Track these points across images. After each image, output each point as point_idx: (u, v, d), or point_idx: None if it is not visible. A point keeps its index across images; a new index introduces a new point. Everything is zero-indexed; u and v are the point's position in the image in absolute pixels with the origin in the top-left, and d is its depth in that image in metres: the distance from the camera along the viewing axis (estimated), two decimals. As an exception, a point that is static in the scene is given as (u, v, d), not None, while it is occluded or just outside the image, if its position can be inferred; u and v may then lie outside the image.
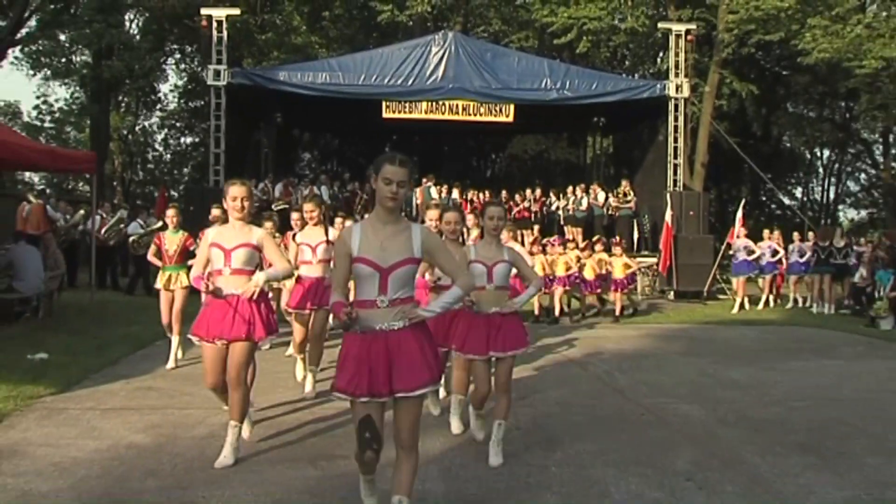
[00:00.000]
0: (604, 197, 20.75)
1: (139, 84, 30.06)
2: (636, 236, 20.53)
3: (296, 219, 10.10)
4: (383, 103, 19.36)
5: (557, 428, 6.39)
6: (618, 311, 14.53)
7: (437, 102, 19.46)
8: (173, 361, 8.74)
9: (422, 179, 20.09)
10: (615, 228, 20.14)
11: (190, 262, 7.23)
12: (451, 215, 6.38)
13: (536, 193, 21.39)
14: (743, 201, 20.77)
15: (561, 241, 15.66)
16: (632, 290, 15.40)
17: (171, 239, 9.00)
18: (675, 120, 19.71)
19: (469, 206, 19.33)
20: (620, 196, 20.53)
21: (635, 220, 20.60)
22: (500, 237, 5.75)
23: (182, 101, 37.31)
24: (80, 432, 5.97)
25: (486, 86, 19.29)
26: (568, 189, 21.34)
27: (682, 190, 19.79)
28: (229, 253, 5.37)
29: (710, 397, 7.66)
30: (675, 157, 19.74)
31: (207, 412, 6.48)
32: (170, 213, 9.16)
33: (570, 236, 19.42)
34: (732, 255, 16.68)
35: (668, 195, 18.61)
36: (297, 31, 28.01)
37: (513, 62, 19.96)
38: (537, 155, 33.45)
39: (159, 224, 17.67)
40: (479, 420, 5.91)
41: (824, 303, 16.09)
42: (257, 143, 23.55)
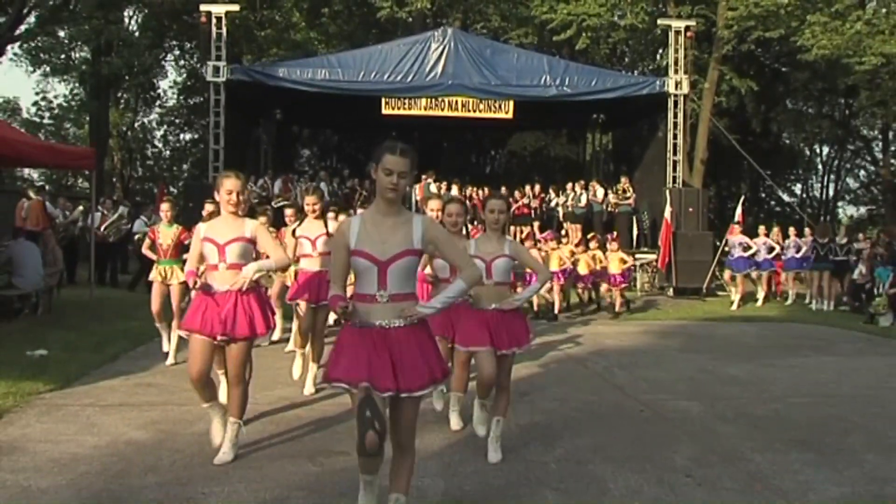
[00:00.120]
0: (603, 193, 20.74)
1: (138, 81, 30.04)
2: (635, 233, 20.54)
3: (290, 214, 10.04)
4: (383, 100, 19.35)
5: (556, 424, 6.39)
6: (618, 307, 14.54)
7: (436, 99, 19.46)
8: (172, 357, 8.68)
9: (421, 176, 20.08)
10: (614, 225, 20.14)
11: (185, 257, 7.20)
12: (452, 207, 6.23)
13: (536, 190, 21.38)
14: (742, 198, 20.77)
15: (553, 236, 15.64)
16: (627, 287, 15.27)
17: (166, 233, 8.94)
18: (675, 116, 19.70)
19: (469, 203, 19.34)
20: (620, 193, 20.51)
21: (634, 217, 20.60)
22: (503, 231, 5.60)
23: (181, 98, 37.31)
24: (80, 428, 5.97)
25: (485, 82, 19.28)
26: (567, 186, 21.34)
27: (681, 186, 19.78)
28: (223, 248, 5.24)
29: (709, 394, 7.66)
30: (675, 154, 19.73)
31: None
32: (164, 207, 9.14)
33: (569, 232, 19.47)
34: (728, 251, 16.66)
35: (668, 192, 18.60)
36: (297, 28, 28.00)
37: (512, 58, 19.96)
38: (536, 151, 33.43)
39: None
40: (483, 412, 5.69)
41: (823, 299, 16.10)
42: (257, 140, 23.56)
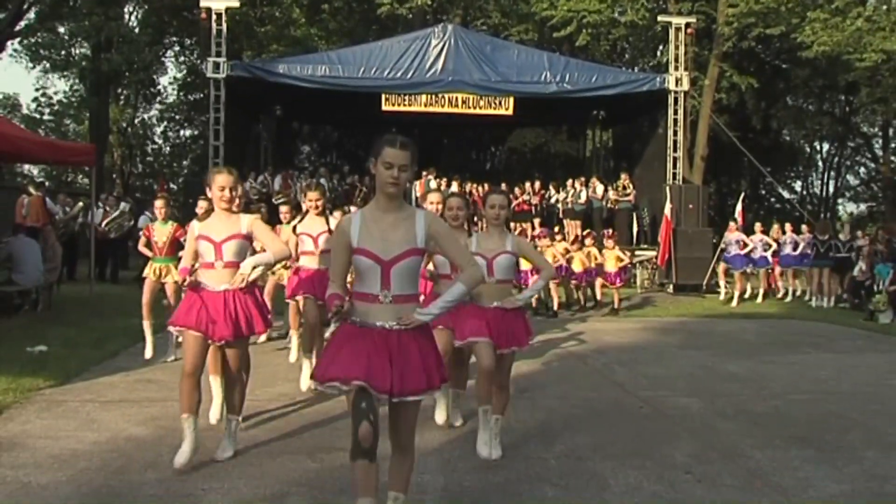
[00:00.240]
0: (603, 190, 20.73)
1: (138, 77, 30.02)
2: (635, 229, 20.53)
3: (285, 211, 9.85)
4: (383, 96, 19.34)
5: (556, 421, 6.39)
6: (616, 305, 14.52)
7: (436, 95, 19.45)
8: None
9: (422, 173, 20.06)
10: (614, 221, 20.13)
11: (181, 254, 7.09)
12: (453, 201, 5.91)
13: (536, 186, 21.36)
14: (742, 195, 20.75)
15: (547, 233, 15.62)
16: (622, 285, 15.17)
17: (161, 230, 8.79)
18: (675, 113, 19.69)
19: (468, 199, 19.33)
20: (620, 189, 20.49)
21: (634, 214, 20.59)
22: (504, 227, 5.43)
23: (181, 94, 37.29)
24: (80, 424, 5.97)
25: (485, 79, 19.27)
26: (567, 182, 21.33)
27: (681, 183, 19.76)
28: (220, 246, 5.10)
29: (709, 390, 7.67)
30: (675, 151, 19.72)
31: (206, 404, 6.47)
32: (158, 204, 8.96)
33: (567, 229, 19.46)
34: (724, 248, 16.63)
35: (668, 188, 18.59)
36: (297, 24, 27.99)
37: (512, 55, 19.95)
38: (537, 148, 33.42)
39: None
40: (486, 431, 5.27)
41: (823, 296, 16.09)
42: (257, 136, 23.55)
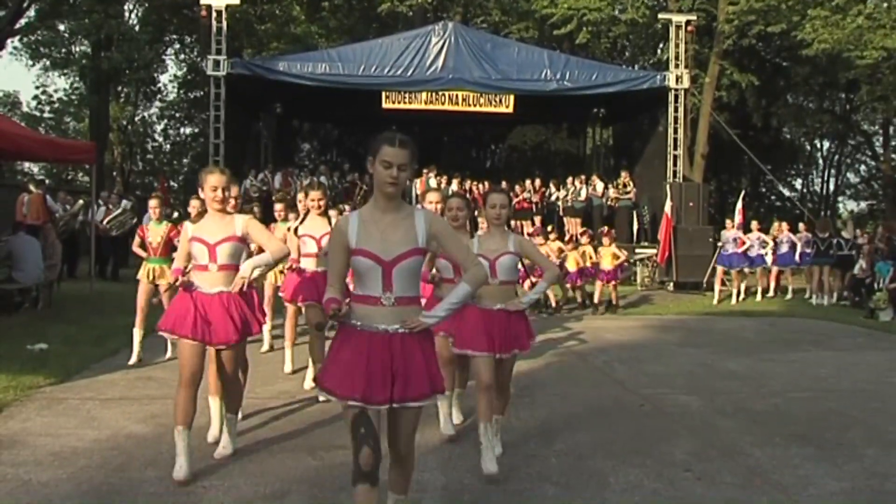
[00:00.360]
0: (603, 188, 20.72)
1: (139, 75, 30.00)
2: (636, 227, 20.52)
3: (279, 209, 9.58)
4: (383, 94, 19.33)
5: (556, 418, 6.40)
6: (614, 300, 14.44)
7: (436, 93, 19.43)
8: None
9: (422, 171, 20.05)
10: (615, 219, 20.13)
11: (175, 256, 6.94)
12: (453, 201, 5.75)
13: (536, 184, 21.35)
14: (743, 192, 20.74)
15: (540, 231, 15.56)
16: (619, 282, 15.06)
17: (155, 230, 8.58)
18: (675, 111, 19.67)
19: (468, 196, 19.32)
20: (620, 187, 20.48)
21: (635, 212, 20.58)
22: (505, 226, 5.29)
23: (181, 92, 37.27)
24: (80, 422, 5.97)
25: (485, 76, 19.26)
26: (567, 180, 21.33)
27: (681, 181, 19.74)
28: (214, 248, 4.93)
29: (709, 388, 7.67)
30: (675, 149, 19.71)
31: (207, 402, 6.48)
32: (152, 203, 8.73)
33: (567, 227, 19.47)
34: (721, 246, 16.60)
35: (668, 186, 18.58)
36: (297, 22, 27.96)
37: (513, 53, 19.93)
38: (537, 146, 33.43)
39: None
40: (490, 450, 4.97)
41: (823, 294, 16.09)
42: (257, 134, 23.55)
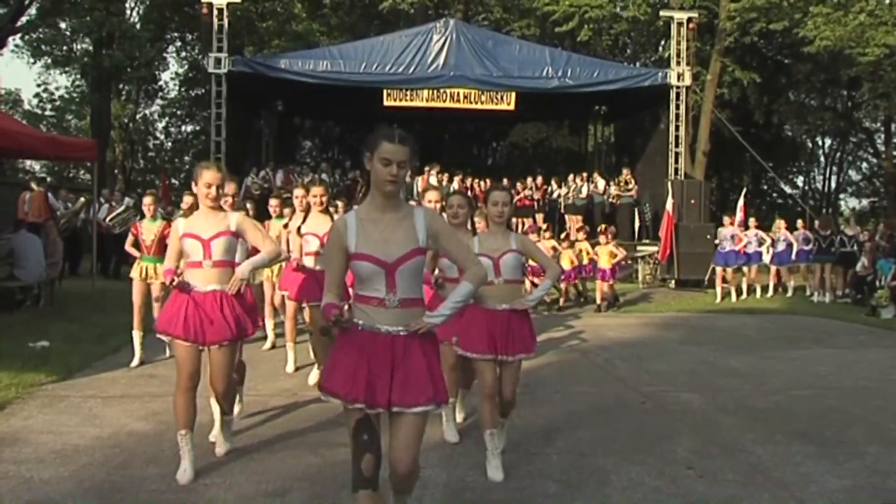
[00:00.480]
0: (604, 185, 20.70)
1: (140, 73, 30.00)
2: (637, 225, 20.51)
3: (274, 205, 9.53)
4: (384, 91, 19.33)
5: (558, 416, 6.40)
6: (598, 300, 14.35)
7: (438, 90, 19.43)
8: (138, 360, 8.23)
9: (424, 168, 20.04)
10: (616, 217, 20.12)
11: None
12: (454, 199, 5.63)
13: (538, 181, 21.33)
14: (744, 190, 20.73)
15: (535, 228, 15.53)
16: (615, 281, 15.02)
17: (149, 228, 8.42)
18: (677, 108, 19.66)
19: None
20: (621, 184, 20.47)
21: (636, 209, 20.56)
22: (507, 225, 5.14)
23: (183, 90, 37.26)
24: (82, 420, 5.98)
25: (487, 74, 19.25)
26: (569, 177, 21.32)
27: (683, 178, 19.73)
28: (208, 243, 4.83)
29: (711, 386, 7.67)
30: (677, 146, 19.69)
31: (208, 400, 6.48)
32: (146, 201, 8.60)
33: (569, 225, 19.45)
34: (718, 243, 16.56)
35: (670, 183, 18.56)
36: (298, 19, 27.95)
37: (514, 50, 19.92)
38: (538, 143, 33.40)
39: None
40: (496, 456, 4.93)
41: (825, 292, 16.08)
42: (258, 131, 23.53)
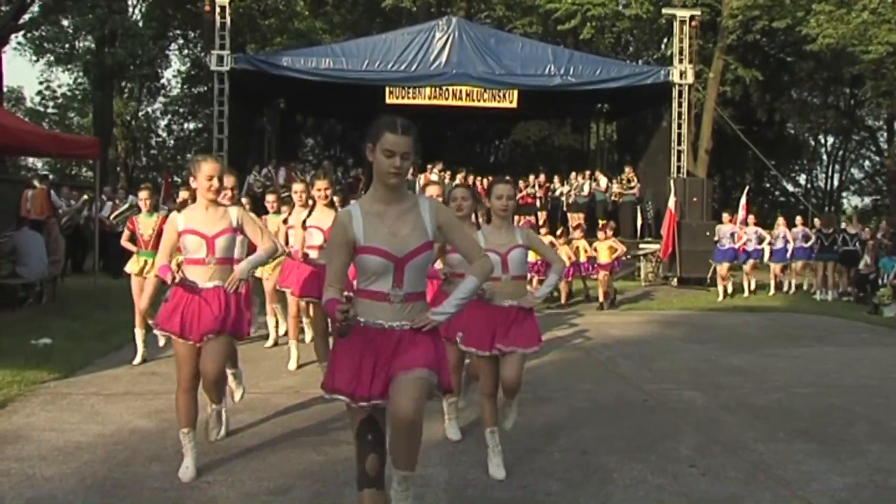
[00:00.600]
0: (606, 183, 20.69)
1: (143, 71, 30.04)
2: (639, 223, 20.51)
3: (271, 201, 9.41)
4: (387, 89, 19.34)
5: (560, 414, 6.39)
6: (601, 297, 14.27)
7: (440, 88, 19.45)
8: (140, 358, 8.15)
9: (426, 166, 20.05)
10: (618, 215, 20.12)
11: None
12: (458, 191, 5.52)
13: (540, 179, 21.34)
14: (747, 188, 20.72)
15: (530, 225, 15.54)
16: (615, 274, 14.87)
17: (146, 223, 8.29)
18: (679, 106, 19.66)
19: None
20: (624, 182, 20.47)
21: (639, 207, 20.57)
22: (511, 219, 5.05)
23: (185, 87, 37.35)
24: (84, 417, 5.98)
25: (489, 71, 19.26)
26: (571, 175, 21.31)
27: (685, 176, 19.74)
28: (212, 241, 4.74)
29: (713, 384, 7.66)
30: (679, 144, 19.70)
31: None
32: (142, 195, 8.40)
33: (571, 222, 19.44)
34: (717, 241, 16.55)
35: (672, 181, 18.55)
36: (301, 17, 27.98)
37: (516, 48, 19.94)
38: (540, 141, 33.39)
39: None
40: (493, 439, 4.91)
41: (827, 290, 16.07)
42: (260, 129, 23.55)
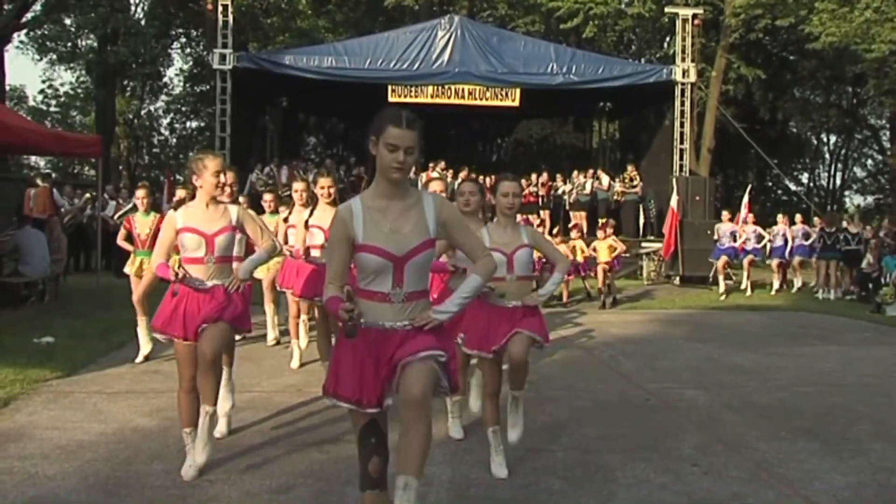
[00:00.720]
0: (608, 181, 20.69)
1: (145, 69, 30.06)
2: (642, 221, 20.51)
3: (269, 200, 9.40)
4: (389, 87, 19.36)
5: (562, 412, 6.39)
6: (601, 296, 14.26)
7: (443, 87, 19.47)
8: (143, 356, 8.05)
9: (428, 164, 20.05)
10: (621, 213, 20.11)
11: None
12: (466, 186, 5.44)
13: (543, 178, 21.34)
14: (749, 187, 20.72)
15: (526, 223, 15.48)
16: (615, 273, 14.89)
17: (143, 222, 8.27)
18: (682, 105, 19.67)
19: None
20: (626, 181, 20.46)
21: (641, 206, 20.56)
22: (517, 217, 4.98)
23: (188, 86, 37.34)
24: (86, 415, 5.98)
25: (492, 70, 19.27)
26: (574, 174, 21.31)
27: (688, 175, 19.75)
28: (212, 240, 4.68)
29: (715, 382, 7.66)
30: (682, 142, 19.71)
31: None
32: (139, 193, 8.42)
33: (573, 221, 19.44)
34: (717, 239, 16.52)
35: (674, 180, 18.55)
36: (303, 15, 28.00)
37: (519, 46, 19.95)
38: (543, 139, 33.40)
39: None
40: (495, 439, 4.89)
41: (830, 289, 16.05)
42: (263, 127, 23.59)
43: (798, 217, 17.63)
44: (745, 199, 18.53)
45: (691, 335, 10.92)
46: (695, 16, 20.12)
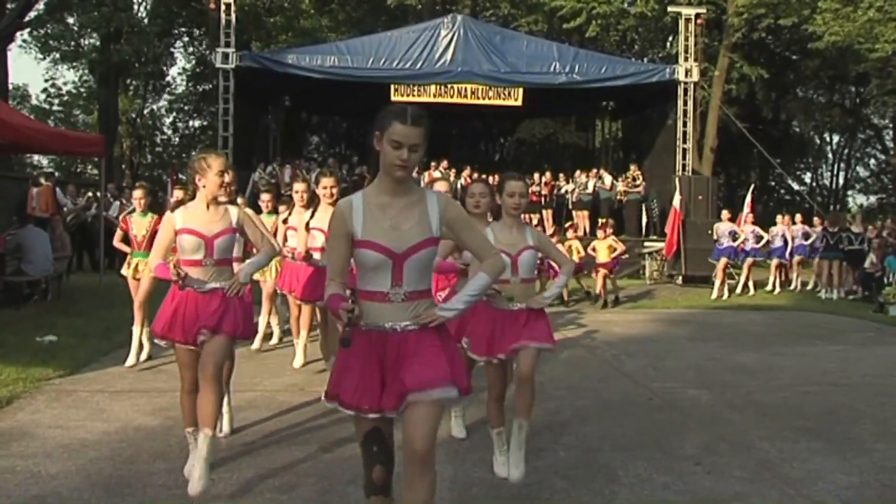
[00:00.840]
0: (610, 181, 20.67)
1: (148, 68, 30.09)
2: (644, 221, 20.49)
3: (267, 200, 9.34)
4: (392, 87, 19.38)
5: (565, 412, 6.38)
6: (598, 290, 14.23)
7: (445, 86, 19.48)
8: (134, 358, 7.86)
9: (431, 163, 20.05)
10: (623, 213, 20.11)
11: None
12: (476, 187, 5.24)
13: (546, 177, 21.33)
14: (752, 186, 20.70)
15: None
16: (615, 274, 14.88)
17: (140, 223, 8.09)
18: (685, 104, 19.66)
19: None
20: (629, 180, 20.46)
21: (644, 205, 20.55)
22: (522, 218, 4.86)
23: (190, 85, 37.35)
24: (89, 414, 5.99)
25: (494, 69, 19.28)
26: (576, 173, 21.30)
27: (690, 174, 19.74)
28: (212, 242, 4.59)
29: (718, 382, 7.65)
30: (684, 142, 19.70)
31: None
32: (137, 194, 8.22)
33: (576, 221, 19.44)
34: (716, 239, 16.50)
35: (677, 179, 18.54)
36: (306, 15, 28.01)
37: (522, 46, 19.96)
38: (545, 139, 33.40)
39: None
40: (502, 452, 4.82)
41: (833, 288, 16.03)
42: (265, 126, 23.62)
43: (798, 217, 17.62)
44: (749, 198, 18.52)
45: (694, 335, 10.91)
46: (698, 15, 20.12)
